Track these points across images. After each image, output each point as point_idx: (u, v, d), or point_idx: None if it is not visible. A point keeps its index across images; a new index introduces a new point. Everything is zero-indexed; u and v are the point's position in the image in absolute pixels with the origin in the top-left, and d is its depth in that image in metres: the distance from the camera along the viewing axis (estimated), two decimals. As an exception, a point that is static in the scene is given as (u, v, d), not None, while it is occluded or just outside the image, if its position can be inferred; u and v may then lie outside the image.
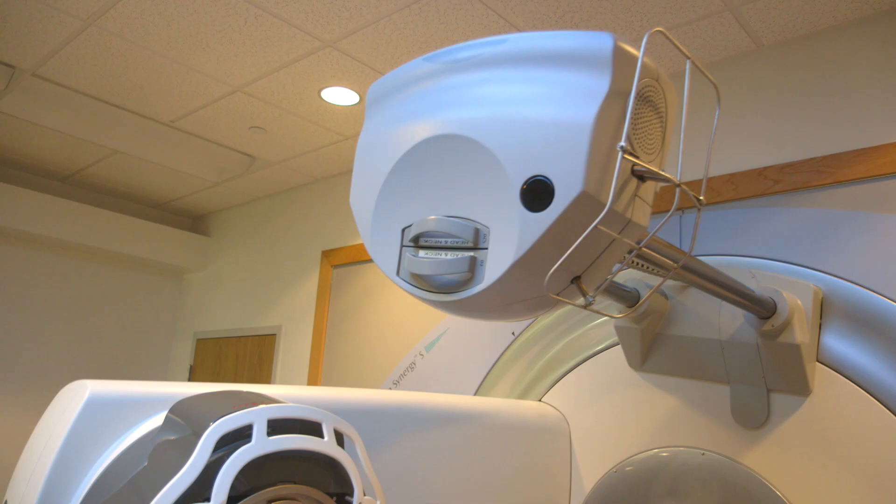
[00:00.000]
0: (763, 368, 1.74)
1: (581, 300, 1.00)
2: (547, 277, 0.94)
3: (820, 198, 1.93)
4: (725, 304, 1.73)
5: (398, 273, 1.14)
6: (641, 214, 1.02)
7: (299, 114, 3.30)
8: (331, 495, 1.51)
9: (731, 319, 1.78)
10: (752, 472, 1.72)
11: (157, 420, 1.44)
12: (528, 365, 2.39)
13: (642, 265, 1.39)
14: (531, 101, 1.00)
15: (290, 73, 2.89)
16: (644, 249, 1.07)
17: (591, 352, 2.21)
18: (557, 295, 1.02)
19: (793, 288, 1.72)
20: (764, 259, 1.89)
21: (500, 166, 1.01)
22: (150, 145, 3.83)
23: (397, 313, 3.54)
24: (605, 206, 0.92)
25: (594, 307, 0.99)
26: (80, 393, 1.41)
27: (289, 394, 1.75)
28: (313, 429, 1.47)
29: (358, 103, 3.15)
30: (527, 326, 2.49)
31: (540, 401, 2.29)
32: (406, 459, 1.92)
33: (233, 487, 1.27)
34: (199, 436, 1.27)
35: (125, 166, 4.23)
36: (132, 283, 4.96)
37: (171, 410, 1.40)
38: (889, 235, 1.76)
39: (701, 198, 1.05)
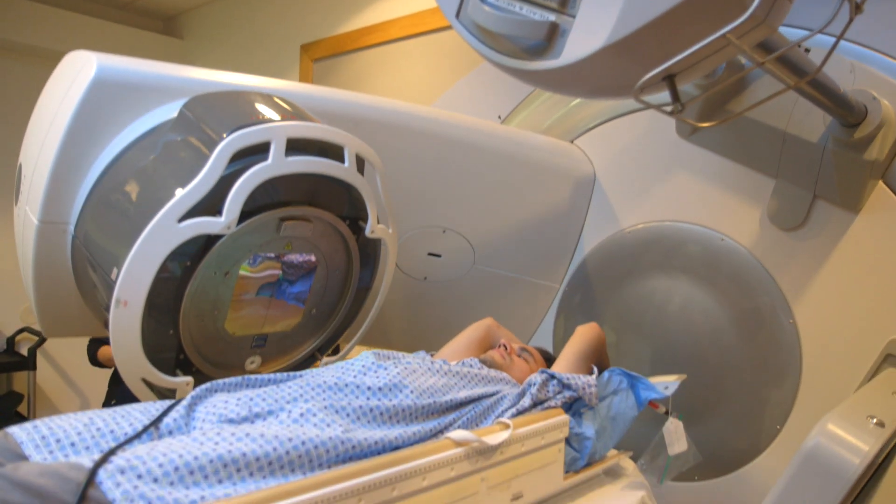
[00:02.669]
0: (819, 172, 1.60)
1: (668, 106, 0.84)
2: (643, 80, 0.76)
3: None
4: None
5: (458, 16, 0.94)
6: (779, 14, 0.80)
7: None
8: (343, 219, 1.49)
9: (805, 113, 1.59)
10: (767, 271, 1.70)
11: (171, 110, 1.33)
12: (556, 104, 2.20)
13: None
14: None
15: None
16: (767, 65, 0.87)
17: (638, 106, 2.03)
18: (642, 91, 0.84)
19: (892, 94, 1.50)
20: (870, 50, 1.62)
21: None
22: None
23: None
24: (744, 5, 0.70)
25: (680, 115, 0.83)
26: (86, 68, 1.27)
27: (313, 93, 1.61)
28: (335, 151, 1.38)
29: None
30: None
31: (572, 142, 2.18)
32: (422, 182, 1.87)
33: (245, 203, 1.22)
34: (213, 144, 1.18)
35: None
36: (106, 91, 4.41)
37: (187, 106, 1.29)
38: None
39: (859, 2, 0.81)
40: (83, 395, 4.20)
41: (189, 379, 1.27)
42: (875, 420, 1.08)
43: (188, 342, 1.27)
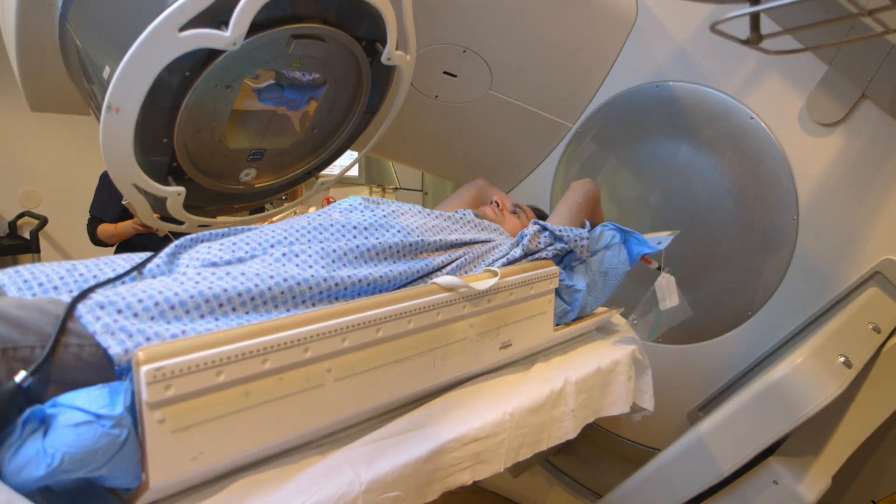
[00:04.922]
0: (879, 70, 1.47)
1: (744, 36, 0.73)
2: (727, 17, 0.65)
3: None
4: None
5: None
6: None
7: None
8: (359, 40, 1.35)
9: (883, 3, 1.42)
10: (787, 162, 1.62)
11: None
12: None
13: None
14: None
15: None
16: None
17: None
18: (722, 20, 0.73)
19: None
20: None
21: None
22: None
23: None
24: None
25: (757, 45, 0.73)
26: None
27: None
28: (359, -35, 1.21)
29: None
30: None
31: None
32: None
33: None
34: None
35: None
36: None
37: None
38: None
39: None
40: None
41: (181, 189, 1.24)
42: (843, 359, 1.10)
43: (182, 151, 1.21)
